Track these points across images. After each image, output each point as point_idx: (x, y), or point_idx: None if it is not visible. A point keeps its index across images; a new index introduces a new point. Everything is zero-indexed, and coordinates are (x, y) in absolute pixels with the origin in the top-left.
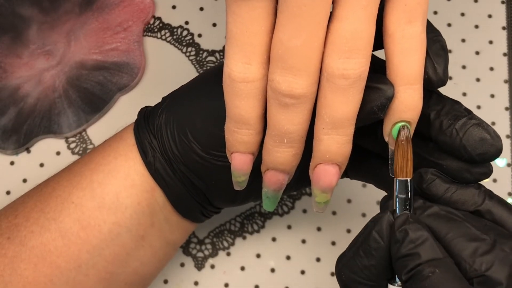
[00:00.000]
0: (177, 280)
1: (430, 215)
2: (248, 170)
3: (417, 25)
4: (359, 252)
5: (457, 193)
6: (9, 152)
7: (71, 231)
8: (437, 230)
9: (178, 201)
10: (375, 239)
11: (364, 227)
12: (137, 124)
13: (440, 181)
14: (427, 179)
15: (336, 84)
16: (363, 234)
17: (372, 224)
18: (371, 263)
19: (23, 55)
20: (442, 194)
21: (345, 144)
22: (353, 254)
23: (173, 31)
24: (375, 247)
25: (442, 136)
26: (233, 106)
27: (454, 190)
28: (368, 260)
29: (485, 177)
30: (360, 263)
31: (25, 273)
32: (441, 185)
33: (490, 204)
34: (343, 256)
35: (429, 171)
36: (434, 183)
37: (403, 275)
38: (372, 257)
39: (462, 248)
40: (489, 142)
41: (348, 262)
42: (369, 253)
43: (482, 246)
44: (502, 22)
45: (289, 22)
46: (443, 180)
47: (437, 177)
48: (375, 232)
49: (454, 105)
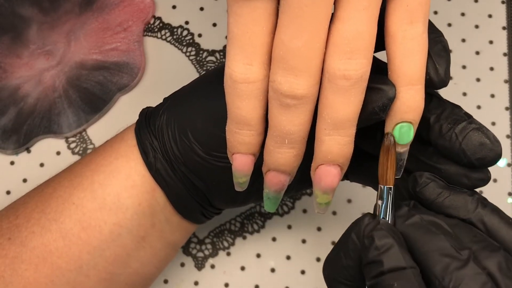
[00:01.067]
0: (177, 280)
1: (410, 225)
2: (249, 171)
3: (418, 25)
4: (339, 253)
5: (450, 199)
6: (9, 152)
7: (72, 232)
8: (414, 240)
9: (178, 202)
10: (353, 241)
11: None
12: (138, 124)
13: (434, 185)
14: (421, 182)
15: (338, 85)
16: (343, 237)
17: (351, 227)
18: (349, 264)
19: (23, 55)
20: (434, 199)
21: (346, 145)
22: (335, 254)
23: (173, 31)
24: (352, 248)
25: (441, 140)
26: (235, 107)
27: (447, 196)
28: (346, 260)
29: (483, 183)
30: (340, 263)
31: (26, 273)
32: (434, 190)
33: (482, 213)
34: (329, 255)
35: (424, 174)
36: (428, 187)
37: (367, 280)
38: (350, 258)
39: (434, 262)
40: (488, 147)
41: (331, 261)
42: (347, 254)
43: (454, 263)
44: (502, 22)
45: (290, 22)
46: (437, 184)
47: (431, 181)
48: (354, 234)
49: (454, 109)
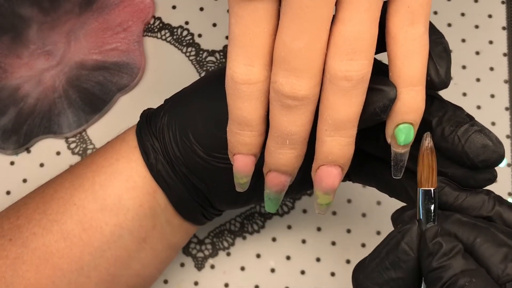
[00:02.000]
0: (177, 280)
1: (455, 223)
2: (250, 172)
3: (419, 27)
4: (384, 264)
5: (467, 200)
6: (9, 152)
7: (73, 233)
8: (464, 237)
9: (179, 203)
10: (405, 251)
11: (388, 238)
12: (139, 126)
13: (449, 189)
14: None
15: (339, 86)
16: (388, 245)
17: (400, 236)
18: (399, 276)
19: (23, 55)
20: (452, 202)
21: (347, 146)
22: (377, 265)
23: (173, 31)
24: (404, 259)
25: (444, 143)
26: (236, 108)
27: (464, 197)
28: (395, 272)
29: (490, 183)
30: (386, 275)
31: (27, 274)
32: (451, 193)
33: (500, 210)
34: (363, 267)
35: (438, 179)
36: (444, 191)
37: (438, 286)
38: (400, 269)
39: (491, 253)
40: (491, 148)
41: (372, 274)
42: (397, 265)
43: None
44: (502, 22)
45: (292, 24)
46: (452, 187)
47: (446, 185)
48: (405, 244)
49: (456, 111)
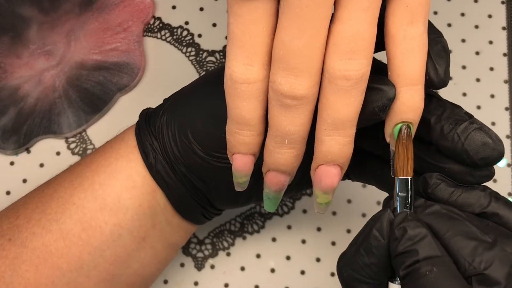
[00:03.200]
0: (177, 280)
1: (431, 213)
2: (249, 171)
3: (418, 26)
4: (359, 250)
5: (463, 197)
6: (9, 152)
7: (73, 232)
8: (437, 228)
9: (179, 202)
10: (376, 237)
11: (365, 226)
12: (139, 125)
13: (445, 185)
14: (432, 183)
15: (338, 85)
16: (363, 232)
17: (373, 222)
18: (372, 261)
19: (23, 55)
20: (447, 198)
21: (346, 145)
22: (354, 252)
23: (173, 31)
24: (375, 245)
25: (443, 141)
26: (235, 107)
27: (459, 194)
28: (368, 258)
29: (488, 179)
30: (361, 261)
31: (26, 274)
32: (446, 189)
33: (496, 206)
34: (344, 254)
35: (434, 175)
36: (439, 187)
37: (400, 271)
38: (372, 255)
39: (462, 246)
40: (491, 146)
41: (349, 260)
42: (370, 251)
43: (482, 245)
44: (502, 22)
45: (291, 23)
46: (448, 184)
47: (442, 181)
48: (376, 230)
49: (454, 109)
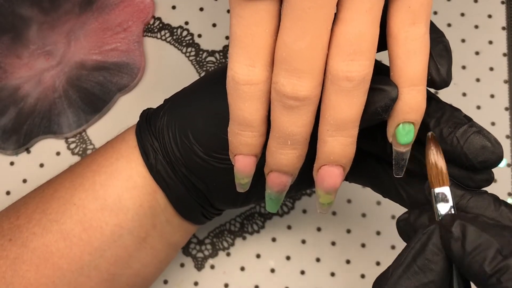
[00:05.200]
0: (177, 280)
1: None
2: (251, 172)
3: (420, 26)
4: (413, 269)
5: (473, 200)
6: (9, 152)
7: (73, 232)
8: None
9: (179, 203)
10: (434, 252)
11: (411, 244)
12: (139, 126)
13: (453, 188)
14: None
15: (340, 86)
16: (413, 249)
17: (425, 238)
18: (430, 279)
19: (23, 55)
20: (458, 201)
21: (349, 146)
22: (403, 272)
23: (173, 31)
24: (434, 260)
25: (442, 144)
26: (237, 109)
27: (469, 197)
28: (426, 276)
29: (487, 183)
30: (416, 281)
31: (27, 274)
32: (456, 192)
33: (506, 210)
34: (386, 278)
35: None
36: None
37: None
38: (431, 272)
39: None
40: (490, 149)
41: (399, 282)
42: (428, 267)
43: None
44: (502, 22)
45: (293, 24)
46: (456, 187)
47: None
48: (432, 245)
49: (453, 112)
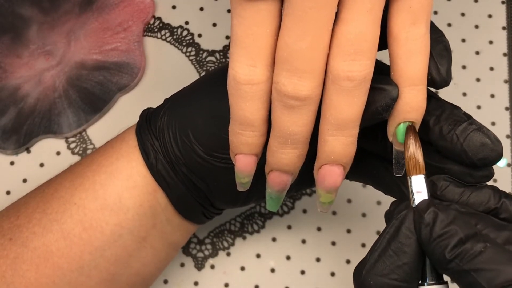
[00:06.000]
0: (177, 280)
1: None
2: (252, 172)
3: (421, 26)
4: (387, 252)
5: (473, 195)
6: (9, 152)
7: (73, 232)
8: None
9: (179, 202)
10: (406, 235)
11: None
12: (139, 125)
13: (453, 186)
14: (440, 185)
15: (341, 86)
16: (387, 234)
17: (398, 222)
18: (404, 261)
19: (23, 55)
20: (458, 198)
21: (349, 145)
22: (379, 256)
23: (173, 31)
24: (407, 243)
25: (442, 141)
26: (238, 108)
27: (470, 193)
28: (400, 258)
29: (487, 179)
30: (392, 264)
31: (27, 274)
32: (456, 190)
33: (507, 202)
34: (365, 263)
35: (441, 177)
36: (448, 188)
37: (447, 253)
38: (404, 254)
39: (495, 236)
40: (489, 147)
41: (375, 266)
42: (401, 250)
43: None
44: (502, 22)
45: (294, 25)
46: (456, 184)
47: (450, 183)
48: (405, 228)
49: (453, 110)
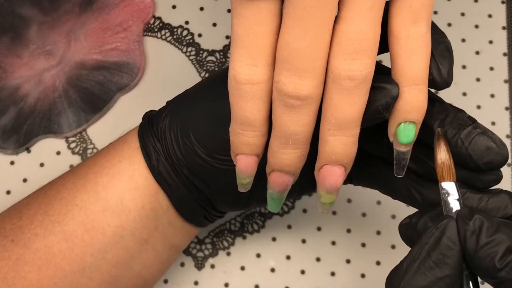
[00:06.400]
0: (177, 280)
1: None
2: (253, 172)
3: (422, 26)
4: (427, 264)
5: (491, 201)
6: (9, 152)
7: (75, 234)
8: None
9: (181, 204)
10: (448, 246)
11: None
12: (141, 127)
13: (470, 193)
14: None
15: (342, 85)
16: (427, 245)
17: (439, 232)
18: (446, 273)
19: (23, 55)
20: (477, 205)
21: (350, 145)
22: (418, 268)
23: (173, 31)
24: (449, 254)
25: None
26: (239, 108)
27: (487, 199)
28: (441, 270)
29: (496, 183)
30: (432, 276)
31: (29, 275)
32: (474, 196)
33: None
34: (400, 273)
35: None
36: (466, 196)
37: (496, 261)
38: (446, 266)
39: None
40: (495, 150)
41: (414, 277)
42: (442, 262)
43: None
44: (502, 22)
45: (295, 23)
46: (472, 191)
47: (466, 189)
48: (447, 239)
49: (457, 114)
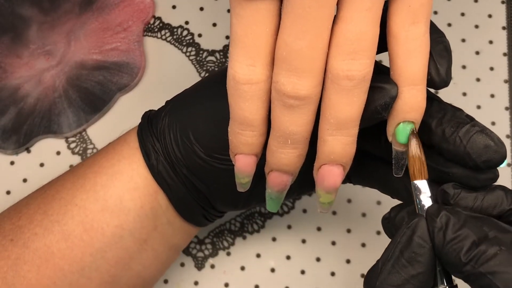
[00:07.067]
0: (177, 280)
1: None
2: (251, 172)
3: (420, 26)
4: (400, 262)
5: (487, 199)
6: (9, 152)
7: (74, 233)
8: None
9: (180, 204)
10: (420, 244)
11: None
12: (141, 127)
13: (465, 193)
14: (453, 194)
15: (341, 85)
16: (399, 243)
17: (410, 231)
18: (419, 271)
19: (23, 55)
20: (473, 204)
21: (349, 145)
22: (392, 267)
23: (173, 31)
24: (421, 252)
25: (445, 144)
26: (237, 108)
27: (483, 197)
28: (414, 268)
29: (492, 182)
30: (405, 274)
31: (28, 275)
32: (469, 196)
33: None
34: (377, 273)
35: (450, 185)
36: (461, 195)
37: (462, 256)
38: (418, 264)
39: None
40: (493, 148)
41: (388, 276)
42: (415, 260)
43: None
44: (502, 22)
45: (293, 24)
46: (466, 190)
47: (461, 189)
48: (418, 237)
49: (455, 112)
